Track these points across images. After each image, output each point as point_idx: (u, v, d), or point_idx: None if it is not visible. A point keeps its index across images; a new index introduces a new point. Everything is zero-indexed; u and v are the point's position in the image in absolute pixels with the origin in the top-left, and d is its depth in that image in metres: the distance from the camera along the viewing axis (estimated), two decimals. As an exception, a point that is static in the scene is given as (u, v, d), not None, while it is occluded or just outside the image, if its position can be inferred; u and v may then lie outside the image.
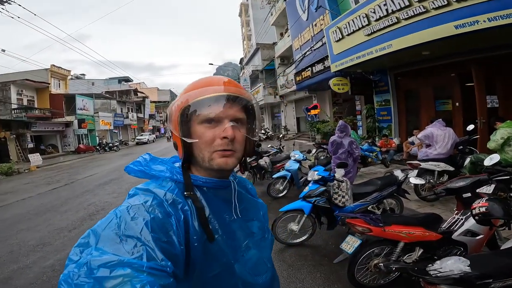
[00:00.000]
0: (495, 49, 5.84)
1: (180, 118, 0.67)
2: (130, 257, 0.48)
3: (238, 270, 0.69)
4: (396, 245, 2.34)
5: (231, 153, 0.67)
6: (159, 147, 23.26)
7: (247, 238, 0.75)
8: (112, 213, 0.58)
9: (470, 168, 4.70)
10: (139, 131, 40.42)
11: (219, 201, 0.71)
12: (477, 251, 2.41)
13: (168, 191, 0.64)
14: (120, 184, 8.56)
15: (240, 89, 0.70)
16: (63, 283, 0.46)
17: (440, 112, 7.99)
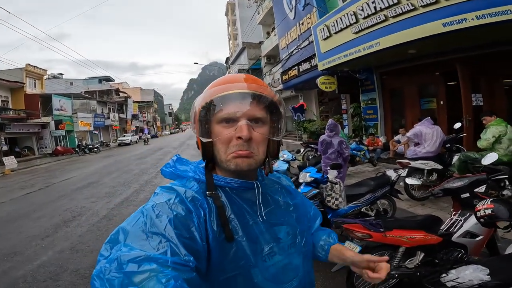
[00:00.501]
0: (479, 48, 5.90)
1: (199, 118, 0.67)
2: (156, 253, 0.51)
3: (256, 276, 0.66)
4: (396, 249, 2.21)
5: (248, 153, 0.65)
6: (141, 149, 22.55)
7: (272, 243, 0.71)
8: (139, 211, 0.60)
9: (458, 166, 4.71)
10: (122, 132, 39.35)
11: (242, 203, 0.70)
12: (477, 253, 2.32)
13: (188, 189, 0.66)
14: (99, 187, 8.11)
15: (261, 86, 0.68)
16: (96, 278, 0.47)
17: (424, 111, 8.08)
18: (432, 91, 7.95)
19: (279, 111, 0.70)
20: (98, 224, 4.88)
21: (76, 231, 4.62)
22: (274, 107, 0.69)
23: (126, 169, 11.52)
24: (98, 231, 4.57)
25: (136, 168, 11.37)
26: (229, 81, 0.68)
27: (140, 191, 7.16)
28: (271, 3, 15.88)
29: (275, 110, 0.70)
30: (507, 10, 4.07)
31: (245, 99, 0.65)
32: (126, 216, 3.74)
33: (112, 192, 7.28)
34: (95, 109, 31.45)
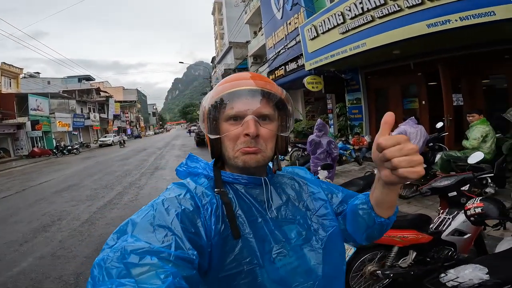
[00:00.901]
0: (461, 49, 6.09)
1: (207, 115, 0.68)
2: (161, 246, 0.51)
3: (262, 276, 0.63)
4: (389, 249, 2.22)
5: (255, 149, 0.65)
6: (124, 150, 21.95)
7: (282, 243, 0.67)
8: (150, 204, 0.61)
9: (441, 164, 4.84)
10: (103, 132, 38.19)
11: (251, 199, 0.69)
12: (466, 250, 2.37)
13: (198, 185, 0.67)
14: (79, 190, 7.79)
15: (268, 83, 0.69)
16: (95, 266, 0.47)
17: (407, 110, 8.28)
18: (414, 91, 8.15)
19: (287, 107, 0.71)
20: (80, 229, 4.68)
21: (57, 236, 4.42)
22: (282, 104, 0.70)
23: (108, 170, 11.15)
24: (80, 235, 4.38)
25: (119, 170, 11.02)
26: (235, 79, 0.68)
27: (124, 193, 6.92)
28: (258, 3, 15.85)
29: (282, 106, 0.70)
30: (491, 12, 4.19)
31: (252, 96, 0.65)
32: (110, 220, 3.61)
33: (93, 195, 7.01)
34: (74, 109, 30.41)
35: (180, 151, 16.81)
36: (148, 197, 6.34)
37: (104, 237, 4.20)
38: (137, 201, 6.12)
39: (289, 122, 0.72)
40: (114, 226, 4.58)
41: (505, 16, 4.09)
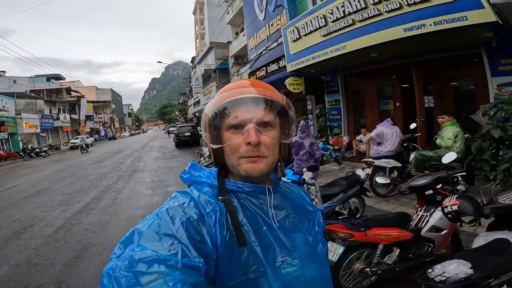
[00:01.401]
0: (432, 53, 6.44)
1: (209, 125, 0.68)
2: (167, 254, 0.51)
3: (268, 284, 0.63)
4: (375, 247, 2.30)
5: (258, 159, 0.66)
6: (97, 152, 20.95)
7: (287, 250, 0.68)
8: (155, 213, 0.62)
9: (415, 164, 5.07)
10: (74, 134, 36.33)
11: (255, 207, 0.69)
12: (444, 246, 2.50)
13: (202, 193, 0.67)
14: (50, 195, 7.35)
15: (268, 90, 0.69)
16: (105, 275, 0.48)
17: (383, 112, 8.63)
18: (389, 93, 8.51)
19: (288, 114, 0.71)
20: (55, 235, 4.44)
21: (30, 244, 4.18)
22: (283, 110, 0.70)
23: (82, 174, 10.62)
24: (56, 242, 4.16)
25: (93, 173, 10.52)
26: (236, 87, 0.69)
27: (101, 197, 6.63)
28: (241, 4, 15.80)
29: (284, 113, 0.70)
30: (463, 17, 4.43)
31: (253, 104, 0.66)
32: (88, 225, 3.45)
33: (67, 200, 6.66)
34: (43, 110, 28.69)
35: (159, 153, 16.37)
36: (127, 201, 6.11)
37: (83, 244, 4.02)
38: (116, 205, 5.88)
39: (291, 128, 0.72)
40: (94, 232, 4.46)
41: (476, 21, 4.33)
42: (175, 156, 13.78)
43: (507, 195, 2.02)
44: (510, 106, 3.94)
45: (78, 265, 3.41)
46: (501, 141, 4.19)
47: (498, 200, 2.00)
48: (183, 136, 18.35)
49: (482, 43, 5.54)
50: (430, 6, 4.81)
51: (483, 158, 4.35)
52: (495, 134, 4.00)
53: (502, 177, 3.85)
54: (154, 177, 8.72)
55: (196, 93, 27.48)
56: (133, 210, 5.47)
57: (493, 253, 1.54)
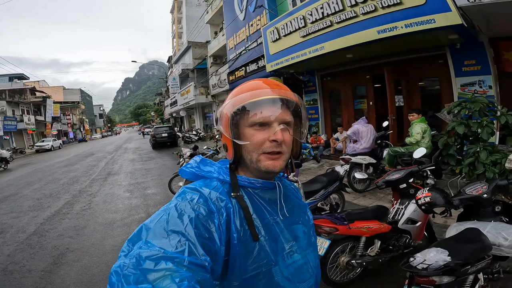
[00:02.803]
0: (402, 54, 6.80)
1: (230, 121, 0.69)
2: (174, 251, 0.52)
3: (278, 274, 0.68)
4: (358, 240, 2.41)
5: (279, 156, 0.69)
6: (68, 155, 19.83)
7: (291, 242, 0.74)
8: (163, 209, 0.62)
9: (388, 160, 5.32)
10: (39, 136, 34.10)
11: (263, 202, 0.72)
12: (419, 237, 2.66)
13: (213, 189, 0.68)
14: (18, 201, 6.88)
15: (288, 92, 0.72)
16: (113, 273, 0.49)
17: (357, 111, 8.97)
18: (363, 93, 8.85)
19: (302, 113, 0.75)
20: (28, 242, 4.21)
21: (3, 250, 3.94)
22: (298, 110, 0.74)
23: (51, 178, 10.01)
24: (30, 249, 3.95)
25: (63, 177, 9.97)
26: (254, 88, 0.71)
27: (74, 202, 6.31)
28: (221, 3, 15.64)
29: (299, 112, 0.74)
30: (431, 19, 4.71)
31: (276, 104, 0.69)
32: (63, 230, 3.31)
33: (37, 205, 6.27)
34: (5, 111, 26.63)
35: (135, 154, 15.82)
36: (103, 205, 5.87)
37: (59, 249, 3.84)
38: (91, 209, 5.63)
39: (304, 127, 0.77)
40: (70, 237, 4.28)
41: (443, 23, 4.63)
42: (153, 157, 13.39)
43: (473, 187, 2.18)
44: (473, 105, 4.23)
45: (57, 271, 3.26)
46: (465, 137, 4.45)
47: (466, 192, 2.15)
48: (160, 137, 17.87)
49: (447, 44, 5.94)
50: (402, 9, 5.07)
51: (449, 153, 4.62)
52: (460, 130, 4.24)
53: (467, 171, 4.12)
54: (131, 179, 8.43)
55: (173, 93, 26.84)
56: (111, 213, 5.26)
57: (466, 241, 1.65)
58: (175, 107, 26.47)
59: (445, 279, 1.49)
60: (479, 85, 5.76)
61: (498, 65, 5.76)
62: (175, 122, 34.44)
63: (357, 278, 2.51)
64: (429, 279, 1.49)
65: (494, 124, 4.32)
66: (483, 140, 4.17)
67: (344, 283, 2.48)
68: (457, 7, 4.42)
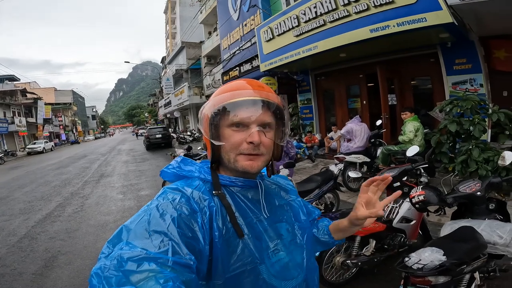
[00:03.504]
0: (395, 53, 6.84)
1: (209, 121, 0.69)
2: (157, 252, 0.51)
3: (263, 272, 0.67)
4: (352, 240, 2.39)
5: (257, 157, 0.69)
6: (60, 157, 19.54)
7: (276, 240, 0.73)
8: (143, 210, 0.61)
9: (382, 158, 5.35)
10: (31, 138, 33.57)
11: (245, 201, 0.72)
12: (414, 236, 2.66)
13: (195, 189, 0.67)
14: (9, 204, 6.76)
15: (270, 93, 0.71)
16: (94, 275, 0.47)
17: (351, 110, 9.01)
18: (357, 92, 8.89)
19: (284, 116, 0.74)
20: (19, 245, 4.15)
21: None
22: (280, 112, 0.72)
23: (42, 181, 9.86)
24: (21, 252, 3.89)
25: (55, 180, 9.81)
26: (236, 88, 0.70)
27: (66, 204, 6.21)
28: (215, 3, 15.56)
29: (280, 115, 0.73)
30: (423, 18, 4.74)
31: (256, 105, 0.68)
32: (54, 233, 3.25)
33: (28, 208, 6.17)
34: (-5, 113, 26.14)
35: (129, 156, 15.66)
36: (96, 207, 5.79)
37: (50, 252, 3.80)
38: (84, 211, 5.54)
39: (286, 129, 0.75)
40: (61, 240, 4.22)
41: (434, 22, 4.66)
42: (146, 159, 13.26)
43: (466, 184, 2.16)
44: (465, 103, 4.27)
45: (49, 274, 3.22)
46: (457, 135, 4.50)
47: (459, 190, 2.13)
48: (154, 138, 17.72)
49: (438, 43, 5.99)
50: (394, 7, 5.10)
51: (441, 151, 4.66)
52: (452, 128, 4.28)
53: (459, 169, 4.16)
54: (124, 181, 8.33)
55: (167, 93, 26.66)
56: (104, 215, 5.18)
57: (461, 240, 1.63)
58: (169, 108, 26.29)
59: (441, 279, 1.47)
60: (470, 84, 5.82)
61: (489, 64, 5.83)
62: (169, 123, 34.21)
63: (353, 278, 2.50)
64: (424, 279, 1.47)
65: (486, 122, 4.36)
66: (475, 137, 4.21)
67: (340, 283, 2.47)
68: (448, 5, 4.46)
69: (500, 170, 3.74)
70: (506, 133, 4.38)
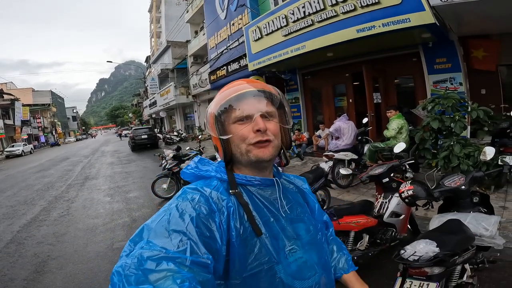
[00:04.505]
0: (379, 53, 7.04)
1: (215, 119, 0.71)
2: (176, 251, 0.52)
3: (280, 272, 0.68)
4: (347, 235, 2.46)
5: (268, 143, 0.70)
6: (40, 160, 18.80)
7: (293, 239, 0.73)
8: (164, 209, 0.62)
9: (369, 155, 5.50)
10: (9, 141, 32.10)
11: (262, 200, 0.72)
12: (403, 230, 2.75)
13: (213, 189, 0.68)
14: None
15: (265, 85, 0.75)
16: (115, 273, 0.49)
17: (338, 108, 9.17)
18: (343, 91, 9.06)
19: (284, 106, 0.77)
20: (6, 250, 4.02)
21: None
22: (280, 103, 0.76)
23: (24, 184, 9.48)
24: (9, 257, 3.78)
25: (37, 183, 9.46)
26: (236, 85, 0.73)
27: (51, 208, 6.02)
28: (202, 2, 15.36)
29: (281, 106, 0.76)
30: (407, 19, 4.91)
31: (255, 98, 0.71)
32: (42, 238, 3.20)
33: (11, 213, 5.94)
34: (-32, 114, 24.81)
35: (113, 158, 15.27)
36: (83, 210, 5.64)
37: (40, 257, 3.68)
38: (70, 215, 5.39)
39: (288, 118, 0.78)
40: (50, 245, 4.11)
41: (418, 22, 4.84)
42: (133, 160, 12.99)
43: (451, 179, 2.26)
44: (446, 101, 4.45)
45: (41, 279, 3.13)
46: (439, 132, 4.66)
47: (445, 184, 2.23)
48: (140, 139, 17.33)
49: (420, 43, 6.20)
50: (380, 8, 5.25)
51: (425, 147, 4.84)
52: (434, 125, 4.44)
53: (442, 164, 4.33)
54: (111, 183, 8.14)
55: (152, 93, 26.13)
56: (92, 219, 5.06)
57: (450, 233, 1.70)
58: (155, 108, 25.81)
59: (436, 269, 1.53)
60: (450, 82, 6.07)
61: (468, 63, 6.10)
62: (155, 123, 33.57)
63: None
64: (421, 270, 1.53)
65: (466, 119, 4.57)
66: (456, 134, 4.40)
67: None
68: (431, 6, 4.63)
69: (480, 165, 3.93)
70: (485, 129, 4.60)
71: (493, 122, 4.84)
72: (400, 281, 1.63)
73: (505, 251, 2.48)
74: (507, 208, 3.56)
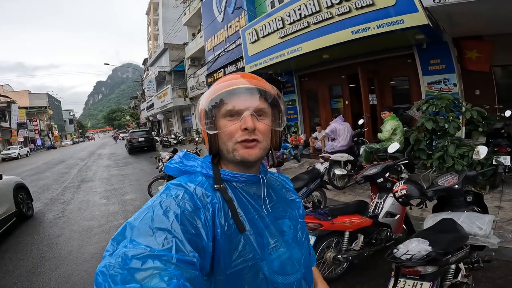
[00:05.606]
0: (374, 54, 7.08)
1: (205, 112, 0.70)
2: (161, 249, 0.51)
3: (264, 268, 0.67)
4: (342, 235, 2.46)
5: (254, 144, 0.68)
6: (36, 163, 18.66)
7: (277, 236, 0.73)
8: (147, 206, 0.61)
9: (365, 156, 5.52)
10: (5, 144, 31.90)
11: (247, 197, 0.71)
12: (399, 230, 2.75)
13: (198, 185, 0.66)
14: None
15: (260, 81, 0.71)
16: (99, 274, 0.47)
17: (334, 110, 9.20)
18: (339, 92, 9.10)
19: (279, 104, 0.74)
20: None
21: None
22: (274, 101, 0.73)
23: (19, 188, 9.38)
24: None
25: (33, 185, 9.31)
26: (229, 79, 0.71)
27: (46, 210, 5.96)
28: (199, 4, 15.42)
29: (275, 103, 0.73)
30: (400, 20, 4.97)
31: (247, 93, 0.68)
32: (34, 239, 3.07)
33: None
34: (-36, 117, 24.63)
35: (110, 160, 15.20)
36: (78, 212, 5.60)
37: (35, 258, 3.67)
38: (66, 217, 5.34)
39: (282, 118, 0.75)
40: (45, 246, 4.04)
41: (411, 24, 4.89)
42: (129, 163, 12.93)
43: (444, 178, 2.27)
44: (440, 102, 4.48)
45: (35, 280, 3.10)
46: (434, 132, 4.69)
47: (438, 183, 2.24)
48: (137, 142, 17.26)
49: (415, 44, 6.25)
50: (374, 10, 5.30)
51: (420, 148, 4.86)
52: (428, 126, 4.46)
53: (437, 164, 4.35)
54: (107, 185, 8.09)
55: (150, 96, 26.10)
56: (87, 221, 5.02)
57: (443, 231, 1.71)
58: (152, 111, 25.77)
59: (429, 269, 1.53)
60: (444, 83, 6.12)
61: (461, 64, 6.16)
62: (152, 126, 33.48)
63: (344, 272, 2.56)
64: (414, 269, 1.53)
65: (460, 119, 4.60)
66: (450, 134, 4.43)
67: (332, 279, 2.51)
68: (424, 7, 4.68)
69: (475, 165, 3.96)
70: (479, 130, 4.64)
71: (487, 122, 4.88)
72: (393, 281, 1.63)
73: (500, 251, 2.49)
74: (503, 208, 3.57)
